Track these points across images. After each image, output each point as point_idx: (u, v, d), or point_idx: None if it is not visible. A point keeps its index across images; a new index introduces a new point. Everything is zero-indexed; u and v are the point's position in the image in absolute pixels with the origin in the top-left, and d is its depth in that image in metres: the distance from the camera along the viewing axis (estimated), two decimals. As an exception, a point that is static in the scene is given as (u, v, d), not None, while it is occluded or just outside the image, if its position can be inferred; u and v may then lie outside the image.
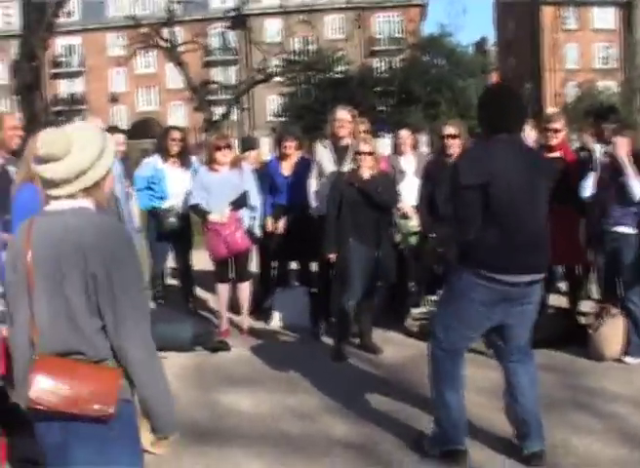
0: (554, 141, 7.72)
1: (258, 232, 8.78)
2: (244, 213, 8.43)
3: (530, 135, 9.21)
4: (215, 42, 66.02)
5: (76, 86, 72.01)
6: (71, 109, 67.91)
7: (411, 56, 47.95)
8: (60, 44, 66.57)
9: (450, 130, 7.61)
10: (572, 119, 47.89)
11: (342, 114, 8.23)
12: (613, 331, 6.94)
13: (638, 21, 41.90)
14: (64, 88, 71.81)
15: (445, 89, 43.26)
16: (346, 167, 7.74)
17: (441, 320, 4.91)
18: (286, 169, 9.05)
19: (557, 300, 8.64)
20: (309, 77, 47.02)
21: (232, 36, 66.75)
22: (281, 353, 7.85)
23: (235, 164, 8.44)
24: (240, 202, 8.40)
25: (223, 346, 8.06)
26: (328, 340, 8.04)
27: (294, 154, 9.06)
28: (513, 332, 4.86)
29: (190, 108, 52.00)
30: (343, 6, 67.27)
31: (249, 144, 10.24)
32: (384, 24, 67.33)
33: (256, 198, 8.60)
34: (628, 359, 6.94)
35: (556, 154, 7.70)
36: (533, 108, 58.73)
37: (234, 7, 36.63)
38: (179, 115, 67.40)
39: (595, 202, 7.05)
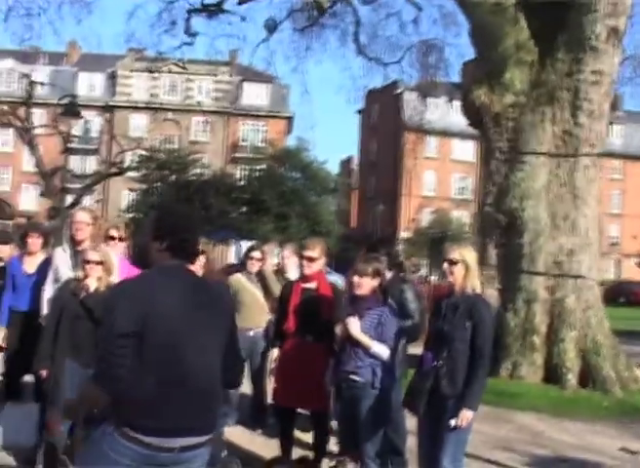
0: (308, 271, 7.01)
1: None
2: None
3: (290, 260, 8.63)
4: (78, 129, 64.88)
5: None
6: None
7: (268, 166, 48.07)
8: None
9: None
10: (422, 245, 48.43)
11: (81, 216, 7.44)
12: (348, 489, 6.17)
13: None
14: None
15: (297, 202, 43.26)
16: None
17: None
18: (29, 267, 8.16)
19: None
20: (164, 176, 46.43)
21: (96, 125, 65.84)
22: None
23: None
24: None
25: None
26: None
27: (40, 251, 8.22)
28: None
29: (44, 193, 50.55)
30: (212, 109, 67.51)
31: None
32: (250, 132, 67.72)
33: None
34: (359, 522, 6.14)
35: (312, 285, 7.02)
36: (385, 230, 59.84)
37: (69, 94, 35.91)
38: (30, 198, 65.48)
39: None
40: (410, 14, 26.56)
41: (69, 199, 47.22)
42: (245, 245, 15.08)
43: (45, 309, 7.35)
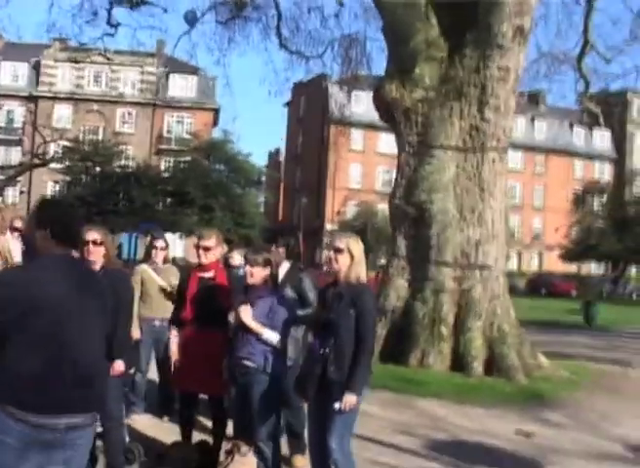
0: (205, 260, 7.25)
1: None
2: None
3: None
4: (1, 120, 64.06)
5: None
6: None
7: (192, 158, 47.99)
8: None
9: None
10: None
11: None
12: (241, 471, 6.39)
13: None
14: None
15: (221, 195, 43.29)
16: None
17: None
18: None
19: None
20: (88, 167, 46.08)
21: (20, 116, 64.99)
22: None
23: None
24: None
25: None
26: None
27: None
28: None
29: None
30: (137, 100, 67.10)
31: None
32: (176, 124, 67.51)
33: None
34: (257, 502, 6.37)
35: (209, 274, 7.24)
36: (309, 223, 60.32)
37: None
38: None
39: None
40: (331, 8, 26.77)
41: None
42: (170, 237, 15.22)
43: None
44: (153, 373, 9.71)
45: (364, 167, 73.07)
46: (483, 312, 13.43)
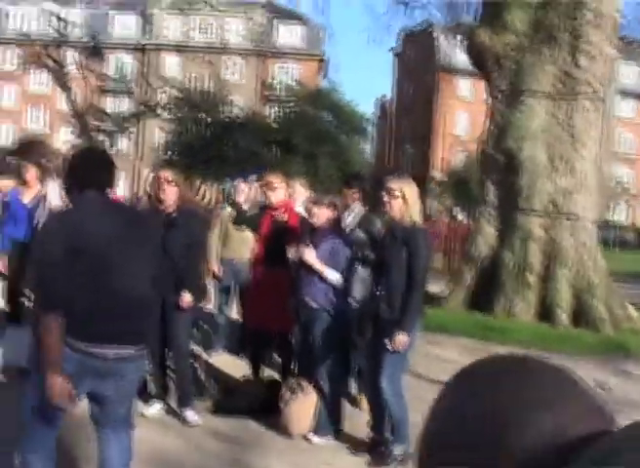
0: (273, 199, 7.45)
1: None
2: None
3: (300, 192, 8.90)
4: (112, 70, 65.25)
5: (-38, 97, 69.81)
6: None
7: (299, 106, 48.01)
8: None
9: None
10: (452, 186, 48.30)
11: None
12: (303, 407, 6.59)
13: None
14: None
15: (328, 143, 43.28)
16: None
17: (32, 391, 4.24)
18: (27, 197, 8.67)
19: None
20: (197, 116, 46.62)
21: (131, 66, 66.12)
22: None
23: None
24: None
25: None
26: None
27: (36, 182, 8.76)
28: (108, 404, 4.39)
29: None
30: (243, 49, 67.34)
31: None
32: (282, 73, 67.57)
33: None
34: (313, 438, 6.55)
35: (279, 213, 7.43)
36: (413, 170, 59.86)
37: (92, 36, 36.69)
38: (66, 138, 66.24)
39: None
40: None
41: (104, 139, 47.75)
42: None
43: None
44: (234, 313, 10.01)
45: (471, 115, 71.91)
46: (570, 262, 13.26)
